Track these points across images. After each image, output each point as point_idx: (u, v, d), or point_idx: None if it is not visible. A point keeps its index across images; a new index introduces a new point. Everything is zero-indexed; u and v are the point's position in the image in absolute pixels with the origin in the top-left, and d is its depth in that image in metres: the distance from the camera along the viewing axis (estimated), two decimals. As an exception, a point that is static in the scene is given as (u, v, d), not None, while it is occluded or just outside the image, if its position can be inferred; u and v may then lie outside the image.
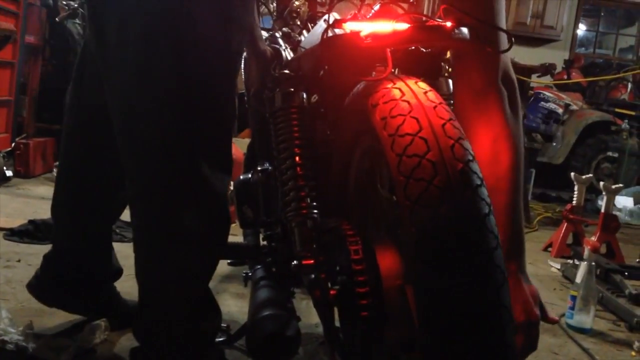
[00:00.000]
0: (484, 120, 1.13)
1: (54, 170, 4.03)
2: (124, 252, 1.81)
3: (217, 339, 1.72)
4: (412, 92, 0.97)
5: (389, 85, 1.00)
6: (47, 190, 3.53)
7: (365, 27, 1.03)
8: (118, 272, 1.73)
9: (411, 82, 1.00)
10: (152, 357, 1.32)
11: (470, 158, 0.88)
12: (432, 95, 0.97)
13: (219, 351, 1.42)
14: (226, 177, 1.32)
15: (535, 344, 1.09)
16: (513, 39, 1.07)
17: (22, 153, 3.79)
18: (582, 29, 8.15)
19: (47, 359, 1.45)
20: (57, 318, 1.69)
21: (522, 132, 1.19)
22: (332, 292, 1.07)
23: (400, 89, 0.98)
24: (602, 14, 8.26)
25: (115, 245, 1.76)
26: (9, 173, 3.64)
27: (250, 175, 1.60)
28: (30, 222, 2.55)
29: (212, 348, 1.39)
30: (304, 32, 1.68)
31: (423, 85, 1.00)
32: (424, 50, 1.22)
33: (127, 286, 1.79)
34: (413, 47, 1.21)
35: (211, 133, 1.27)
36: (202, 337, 1.34)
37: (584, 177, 3.46)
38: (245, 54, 1.62)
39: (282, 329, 1.20)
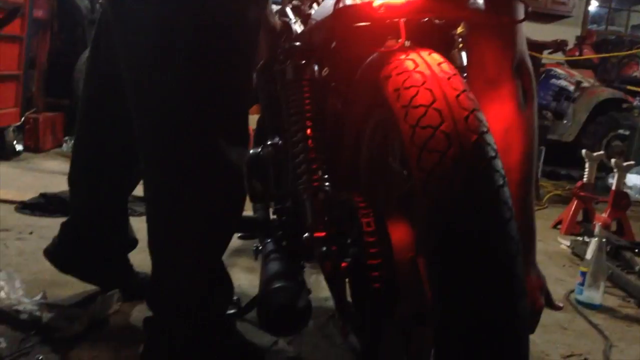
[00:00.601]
0: (496, 111, 1.12)
1: (64, 144, 4.04)
2: (134, 226, 1.81)
3: (228, 312, 1.74)
4: (425, 64, 0.96)
5: (402, 57, 0.98)
6: (57, 164, 3.55)
7: (379, -4, 1.02)
8: (133, 243, 1.75)
9: (425, 53, 0.99)
10: (164, 327, 1.33)
11: (485, 129, 0.87)
12: (446, 66, 0.96)
13: (230, 323, 1.43)
14: (242, 151, 1.31)
15: (533, 329, 1.11)
16: (530, 8, 1.06)
17: (32, 127, 3.81)
18: (594, 6, 8.05)
19: (61, 329, 1.46)
20: (70, 289, 1.71)
21: (537, 123, 1.17)
22: (343, 264, 1.07)
23: (413, 60, 0.97)
24: (615, -11, 8.15)
25: (126, 218, 1.77)
26: (19, 147, 3.66)
27: (260, 150, 1.59)
28: (42, 195, 2.57)
29: (223, 320, 1.40)
30: (314, 5, 1.67)
31: (437, 56, 0.99)
32: (438, 21, 1.21)
33: (139, 259, 1.80)
34: (426, 19, 1.19)
35: (228, 106, 1.25)
36: (214, 309, 1.35)
37: (595, 154, 3.44)
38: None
39: (293, 301, 1.20)
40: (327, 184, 1.19)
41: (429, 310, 0.88)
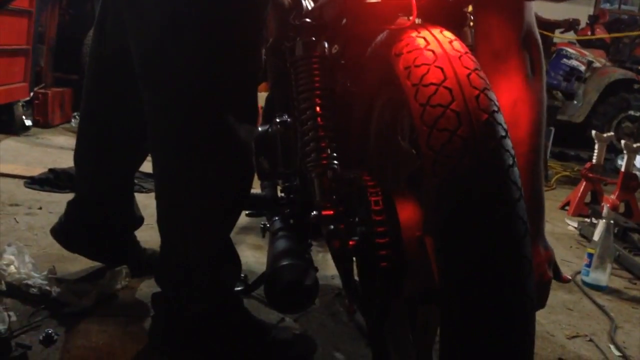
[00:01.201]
0: (503, 83, 1.11)
1: (73, 120, 4.05)
2: (142, 202, 1.82)
3: (236, 288, 1.75)
4: (436, 41, 0.95)
5: (413, 34, 0.97)
6: (66, 139, 3.56)
7: (390, -26, 1.00)
8: (139, 221, 1.75)
9: (436, 31, 0.98)
10: (173, 302, 1.34)
11: (495, 109, 0.87)
12: (457, 44, 0.95)
13: (237, 299, 1.44)
14: (251, 128, 1.31)
15: (544, 302, 1.11)
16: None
17: (41, 103, 3.81)
18: (607, -16, 7.93)
19: (70, 303, 1.48)
20: (78, 264, 1.73)
21: (545, 95, 1.16)
22: (350, 243, 1.07)
23: (424, 38, 0.96)
24: (630, -32, 8.02)
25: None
26: (28, 122, 3.67)
27: (268, 127, 1.59)
28: (51, 170, 2.58)
29: (231, 296, 1.41)
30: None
31: (448, 34, 0.98)
32: (449, -1, 1.19)
33: (147, 235, 1.82)
34: (438, -4, 1.18)
35: (237, 83, 1.25)
36: (222, 286, 1.36)
37: (604, 135, 3.42)
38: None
39: (300, 279, 1.21)
40: (335, 162, 1.18)
41: (436, 289, 0.88)
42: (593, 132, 3.44)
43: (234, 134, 1.25)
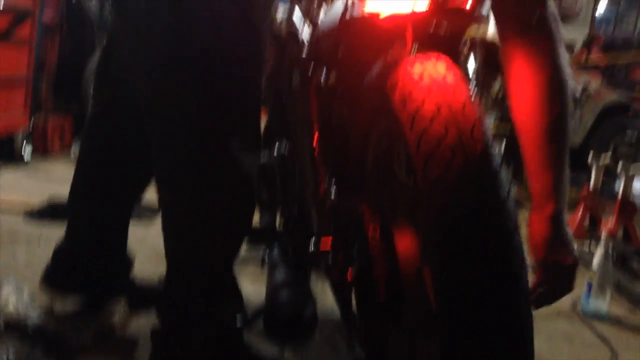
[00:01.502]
0: (533, 62, 1.08)
1: (72, 151, 4.06)
2: (142, 233, 1.82)
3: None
4: (431, 72, 0.96)
5: (408, 66, 0.99)
6: (65, 169, 3.56)
7: (385, 8, 1.02)
8: (129, 266, 1.72)
9: (431, 62, 0.99)
10: (171, 337, 1.33)
11: (490, 139, 0.87)
12: (451, 74, 0.96)
13: (238, 335, 1.43)
14: (254, 157, 1.32)
15: (572, 285, 1.12)
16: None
17: (40, 132, 3.82)
18: (602, 7, 8.01)
19: (68, 339, 1.47)
20: (77, 299, 1.71)
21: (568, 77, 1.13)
22: (349, 274, 1.07)
23: (419, 69, 0.97)
24: (623, -7, 8.12)
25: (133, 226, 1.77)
26: (27, 152, 3.67)
27: (267, 157, 1.60)
28: (50, 201, 2.58)
29: (231, 332, 1.40)
30: (323, 3, 1.66)
31: (443, 65, 0.99)
32: (443, 30, 1.21)
33: (145, 268, 1.81)
34: (432, 27, 1.19)
35: (239, 112, 1.26)
36: (223, 321, 1.35)
37: (601, 159, 3.42)
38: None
39: (299, 311, 1.20)
40: (333, 192, 1.19)
41: (435, 321, 0.87)
42: (589, 157, 3.44)
43: (237, 165, 1.26)
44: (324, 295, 1.90)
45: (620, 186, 3.23)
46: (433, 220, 0.84)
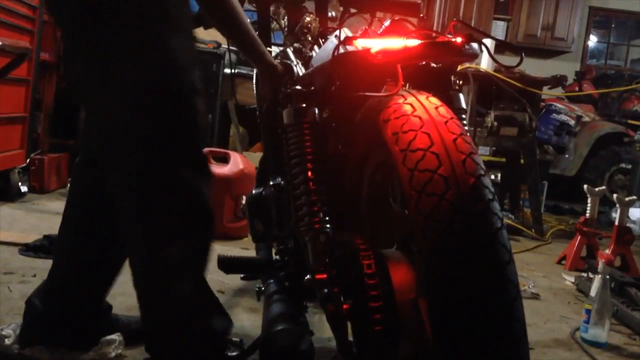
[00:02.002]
0: None
1: (69, 185, 4.06)
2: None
3: (230, 354, 1.73)
4: (423, 107, 0.98)
5: (400, 101, 1.01)
6: (61, 205, 3.54)
7: (376, 44, 1.04)
8: (108, 311, 1.70)
9: (422, 97, 1.01)
10: None
11: (482, 172, 0.89)
12: (443, 110, 0.98)
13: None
14: (203, 178, 1.34)
15: None
16: (523, 54, 1.08)
17: (37, 169, 3.83)
18: (593, 41, 8.14)
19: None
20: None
21: None
22: (345, 306, 1.08)
23: (411, 104, 0.99)
24: (613, 25, 8.25)
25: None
26: (24, 189, 3.68)
27: (262, 190, 1.61)
28: (46, 237, 2.58)
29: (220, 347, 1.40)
30: (315, 47, 1.70)
31: (434, 100, 1.01)
32: (435, 65, 1.23)
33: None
34: (423, 63, 1.22)
35: (183, 145, 1.30)
36: (212, 339, 1.35)
37: (597, 189, 3.44)
38: (255, 70, 1.64)
39: (295, 344, 1.20)
40: (328, 225, 1.20)
41: (431, 352, 0.88)
42: (585, 186, 3.46)
43: (189, 187, 1.30)
44: (321, 326, 1.90)
45: (616, 215, 3.25)
46: (427, 252, 0.85)
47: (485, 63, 4.04)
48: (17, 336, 1.53)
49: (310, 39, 1.71)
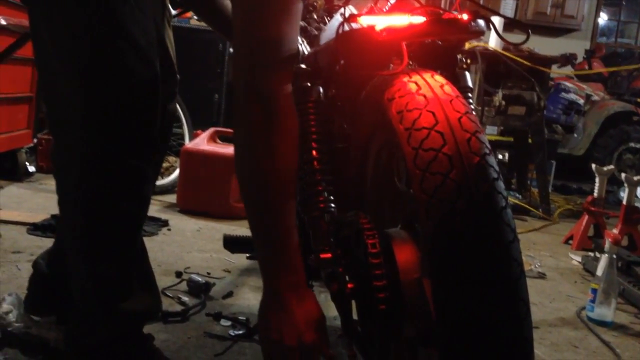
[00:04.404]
0: None
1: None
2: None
3: (237, 332, 1.74)
4: (428, 86, 0.97)
5: (405, 79, 1.00)
6: (68, 185, 3.58)
7: (381, 21, 1.03)
8: None
9: (427, 75, 1.00)
10: (72, 331, 1.37)
11: (487, 151, 0.88)
12: (448, 88, 0.97)
13: (144, 336, 1.42)
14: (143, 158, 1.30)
15: None
16: (530, 31, 1.07)
17: (44, 148, 3.84)
18: (603, 19, 8.04)
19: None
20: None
21: None
22: (349, 285, 1.08)
23: (416, 83, 0.98)
24: (624, 2, 8.14)
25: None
26: (31, 169, 3.69)
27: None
28: (53, 216, 2.59)
29: (135, 328, 1.39)
30: (321, 25, 1.68)
31: (439, 78, 1.00)
32: (440, 43, 1.22)
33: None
34: (429, 40, 1.21)
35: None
36: (125, 316, 1.33)
37: (605, 168, 3.42)
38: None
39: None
40: (332, 205, 1.19)
41: (435, 331, 0.88)
42: (593, 165, 3.44)
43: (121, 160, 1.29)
44: (326, 305, 1.91)
45: (624, 194, 3.23)
46: (431, 232, 0.85)
47: (493, 41, 4.01)
48: (18, 311, 1.54)
49: (315, 17, 1.69)
